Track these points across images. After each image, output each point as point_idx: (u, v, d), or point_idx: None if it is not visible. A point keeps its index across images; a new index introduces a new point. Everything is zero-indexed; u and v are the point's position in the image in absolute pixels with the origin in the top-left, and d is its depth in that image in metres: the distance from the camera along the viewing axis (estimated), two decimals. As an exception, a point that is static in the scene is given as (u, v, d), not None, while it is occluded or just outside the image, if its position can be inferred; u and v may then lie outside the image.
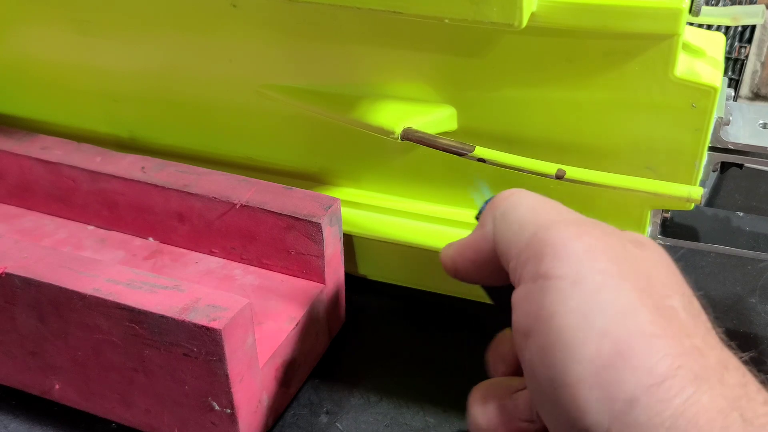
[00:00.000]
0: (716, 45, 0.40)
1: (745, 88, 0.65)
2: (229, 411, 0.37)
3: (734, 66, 0.61)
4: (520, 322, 0.25)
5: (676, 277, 0.26)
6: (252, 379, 0.37)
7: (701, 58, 0.38)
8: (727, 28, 0.58)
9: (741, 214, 0.45)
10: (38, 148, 0.48)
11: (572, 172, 0.37)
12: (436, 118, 0.41)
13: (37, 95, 0.53)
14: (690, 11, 0.35)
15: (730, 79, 0.61)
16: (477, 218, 0.32)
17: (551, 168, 0.37)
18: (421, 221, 0.46)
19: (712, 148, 0.40)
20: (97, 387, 0.40)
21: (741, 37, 0.59)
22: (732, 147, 0.40)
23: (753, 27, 0.59)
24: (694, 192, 0.38)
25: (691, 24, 0.38)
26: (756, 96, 0.65)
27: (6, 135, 0.50)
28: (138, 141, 0.52)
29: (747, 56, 0.60)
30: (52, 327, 0.38)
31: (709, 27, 0.49)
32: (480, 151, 0.38)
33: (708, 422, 0.21)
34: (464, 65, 0.40)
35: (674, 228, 0.44)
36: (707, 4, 0.37)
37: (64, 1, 0.47)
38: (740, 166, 0.41)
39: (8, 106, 0.54)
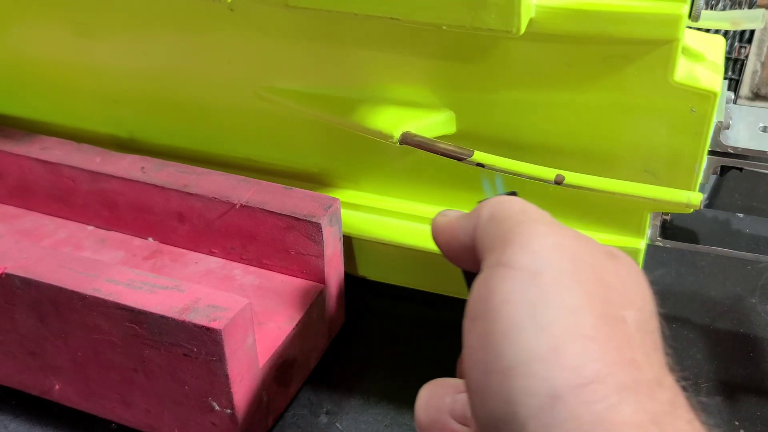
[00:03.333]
0: (716, 48, 0.40)
1: (745, 88, 0.65)
2: (229, 411, 0.37)
3: (734, 66, 0.61)
4: (472, 305, 0.25)
5: (641, 292, 0.26)
6: (252, 379, 0.37)
7: (701, 62, 0.38)
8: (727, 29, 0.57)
9: (741, 215, 0.45)
10: (38, 148, 0.48)
11: (571, 177, 0.37)
12: (435, 122, 0.41)
13: (37, 95, 0.53)
14: (689, 16, 0.35)
15: (730, 79, 0.61)
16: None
17: (550, 173, 0.37)
18: (421, 223, 0.46)
19: (711, 152, 0.40)
20: (97, 387, 0.40)
21: (741, 37, 0.59)
22: (732, 151, 0.40)
23: (753, 28, 0.59)
24: (694, 198, 0.37)
25: (690, 27, 0.38)
26: (756, 96, 0.65)
27: (6, 135, 0.50)
28: (138, 141, 0.52)
29: (747, 56, 0.60)
30: (52, 327, 0.38)
31: (707, 30, 0.49)
32: (479, 156, 0.38)
33: None
34: (463, 70, 0.40)
35: (674, 230, 0.44)
36: (707, 7, 0.37)
37: (64, 2, 0.47)
38: (740, 169, 0.41)
39: (8, 106, 0.54)
